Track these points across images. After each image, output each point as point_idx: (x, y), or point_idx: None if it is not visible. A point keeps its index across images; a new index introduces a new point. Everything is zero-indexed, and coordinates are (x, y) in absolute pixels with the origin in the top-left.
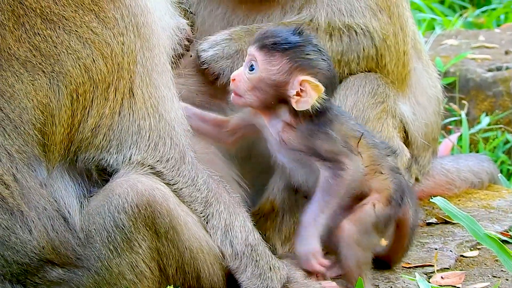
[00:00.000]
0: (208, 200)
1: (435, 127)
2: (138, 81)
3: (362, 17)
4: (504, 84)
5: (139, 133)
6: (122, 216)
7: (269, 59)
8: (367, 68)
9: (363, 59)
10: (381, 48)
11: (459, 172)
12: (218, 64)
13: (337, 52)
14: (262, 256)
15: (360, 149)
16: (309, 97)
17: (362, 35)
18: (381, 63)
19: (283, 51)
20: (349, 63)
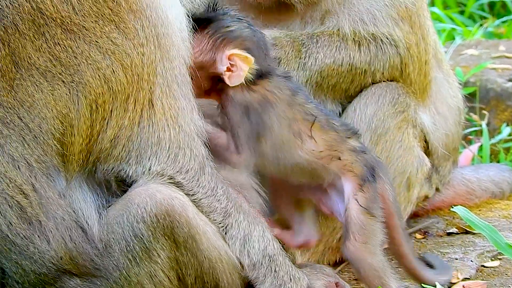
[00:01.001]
0: (227, 211)
1: (456, 137)
2: (158, 92)
3: (386, 26)
4: None
5: (159, 144)
6: (141, 225)
7: (193, 41)
8: (390, 77)
9: (389, 69)
10: (405, 57)
11: (479, 182)
12: None
13: (365, 62)
14: (281, 266)
15: (314, 133)
16: (240, 71)
17: (388, 44)
18: (405, 72)
19: (202, 30)
20: (375, 72)
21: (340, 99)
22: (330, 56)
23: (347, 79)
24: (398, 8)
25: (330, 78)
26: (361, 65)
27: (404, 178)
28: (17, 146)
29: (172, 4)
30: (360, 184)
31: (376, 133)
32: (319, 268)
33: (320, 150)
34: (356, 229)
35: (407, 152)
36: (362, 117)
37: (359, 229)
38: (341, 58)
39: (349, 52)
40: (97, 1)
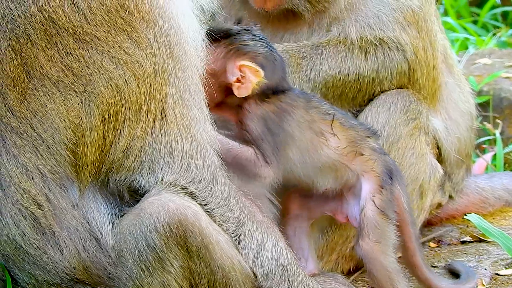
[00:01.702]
0: (241, 220)
1: (468, 142)
2: (170, 102)
3: (392, 31)
4: None
5: (171, 154)
6: (154, 235)
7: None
8: (399, 84)
9: (396, 75)
10: (413, 62)
11: (493, 190)
12: None
13: (372, 70)
14: (295, 275)
15: (335, 130)
16: (248, 82)
17: (394, 49)
18: (413, 78)
19: (220, 40)
20: (383, 80)
21: (348, 107)
22: (335, 67)
23: (354, 88)
24: (405, 12)
25: (336, 88)
26: (368, 74)
27: (417, 186)
28: (31, 156)
29: (185, 14)
30: (379, 185)
31: (388, 141)
32: (332, 276)
33: (344, 146)
34: (371, 229)
35: (420, 159)
36: (374, 125)
37: (373, 229)
38: (347, 68)
39: (356, 61)
40: (110, 11)
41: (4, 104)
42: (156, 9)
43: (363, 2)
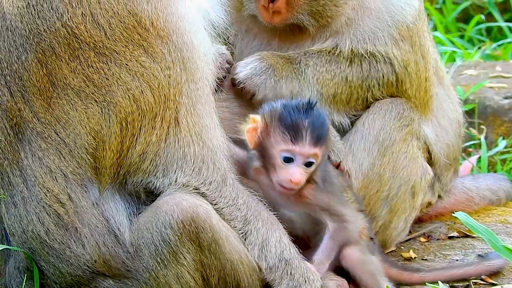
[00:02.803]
0: (247, 218)
1: (456, 148)
2: (183, 111)
3: (384, 45)
4: None
5: (184, 158)
6: (169, 231)
7: (322, 146)
8: (387, 93)
9: (383, 85)
10: (401, 75)
11: (478, 190)
12: (252, 81)
13: (358, 77)
14: (297, 269)
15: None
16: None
17: (382, 62)
18: (401, 88)
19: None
20: (371, 88)
21: (344, 110)
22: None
23: (346, 92)
24: (400, 28)
25: (328, 92)
26: (354, 80)
27: (409, 186)
28: (54, 159)
29: (197, 30)
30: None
31: (383, 145)
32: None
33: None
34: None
35: (412, 162)
36: (370, 130)
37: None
38: (333, 70)
39: (341, 66)
40: (127, 27)
41: (31, 111)
42: (170, 26)
43: (361, 18)
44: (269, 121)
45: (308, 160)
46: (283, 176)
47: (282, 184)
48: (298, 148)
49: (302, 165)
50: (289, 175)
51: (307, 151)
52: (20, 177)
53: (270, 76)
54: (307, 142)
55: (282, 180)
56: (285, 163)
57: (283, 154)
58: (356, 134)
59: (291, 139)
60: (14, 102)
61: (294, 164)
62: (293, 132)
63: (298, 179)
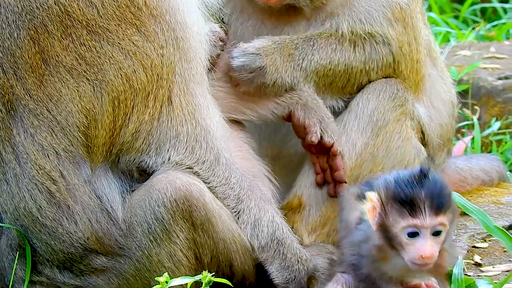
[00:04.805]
0: (240, 198)
1: (450, 128)
2: (176, 90)
3: (380, 26)
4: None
5: (177, 137)
6: (162, 209)
7: (446, 212)
8: (384, 75)
9: (382, 67)
10: (397, 56)
11: (471, 171)
12: (240, 74)
13: (360, 61)
14: (289, 249)
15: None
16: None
17: (381, 44)
18: (398, 70)
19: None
20: (369, 71)
21: (338, 95)
22: (326, 57)
23: (344, 78)
24: (393, 9)
25: (326, 77)
26: (356, 65)
27: (403, 167)
28: (46, 136)
29: (190, 9)
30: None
31: (377, 125)
32: (322, 247)
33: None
34: None
35: (405, 142)
36: (364, 110)
37: None
38: (337, 59)
39: (345, 53)
40: (120, 6)
41: (23, 88)
42: (163, 5)
43: None
44: (384, 199)
45: (435, 230)
46: (413, 253)
47: (414, 262)
48: (420, 222)
49: (430, 236)
50: (419, 251)
51: (430, 222)
52: (12, 154)
53: (259, 77)
54: (427, 214)
55: (413, 258)
56: (411, 238)
57: (405, 231)
58: (350, 114)
59: (410, 213)
60: (6, 79)
61: (421, 238)
62: (410, 206)
63: (430, 252)
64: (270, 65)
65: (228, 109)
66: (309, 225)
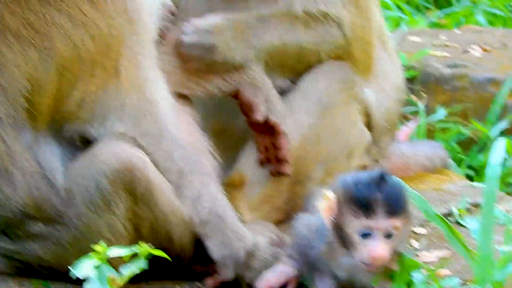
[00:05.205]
0: (182, 172)
1: (396, 113)
2: (124, 62)
3: (334, 7)
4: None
5: (123, 109)
6: (103, 179)
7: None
8: (335, 56)
9: (334, 49)
10: (350, 38)
11: (414, 157)
12: (191, 51)
13: (313, 43)
14: (229, 225)
15: None
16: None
17: (335, 25)
18: (350, 52)
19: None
20: (321, 53)
21: (288, 75)
22: (278, 37)
23: (295, 59)
24: None
25: (278, 57)
26: (308, 46)
27: (347, 149)
28: None
29: None
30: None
31: (324, 107)
32: (263, 225)
33: None
34: None
35: (351, 125)
36: (312, 91)
37: None
38: (289, 39)
39: (297, 33)
40: None
41: None
42: None
43: None
44: (341, 199)
45: (388, 233)
46: (365, 254)
47: (365, 262)
48: (374, 223)
49: (382, 238)
50: (370, 252)
51: (384, 224)
52: None
53: (210, 54)
54: (382, 215)
55: (364, 258)
56: (364, 239)
57: (359, 231)
58: (297, 95)
59: (364, 215)
60: None
61: (373, 239)
62: (365, 207)
63: (381, 254)
64: (222, 43)
65: (175, 83)
66: (251, 202)
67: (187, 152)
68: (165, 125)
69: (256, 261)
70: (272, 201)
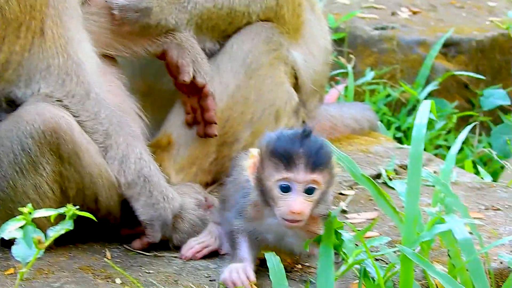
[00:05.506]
0: (109, 133)
1: (323, 75)
2: (49, 22)
3: None
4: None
5: (48, 70)
6: (29, 141)
7: (322, 172)
8: (265, 18)
9: (265, 10)
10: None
11: (342, 118)
12: (124, 14)
13: (244, 4)
14: (155, 186)
15: None
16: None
17: None
18: (280, 13)
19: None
20: (252, 14)
21: (218, 38)
22: (211, 0)
23: (226, 21)
24: None
25: (210, 20)
26: (240, 8)
27: (274, 110)
28: None
29: None
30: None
31: (250, 68)
32: (190, 186)
33: None
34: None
35: (278, 87)
36: (238, 52)
37: None
38: (221, 2)
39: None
40: None
41: None
42: None
43: None
44: (264, 154)
45: (308, 187)
46: (284, 208)
47: (284, 218)
48: (293, 175)
49: (302, 193)
50: (289, 206)
51: (303, 177)
52: None
53: (143, 17)
54: (302, 169)
55: (283, 213)
56: (284, 193)
57: (279, 184)
58: (224, 56)
59: (285, 167)
60: None
61: (293, 193)
62: (286, 160)
63: (299, 208)
64: (156, 6)
65: (101, 44)
66: (177, 164)
67: (114, 113)
68: (91, 85)
69: (184, 223)
70: (200, 162)
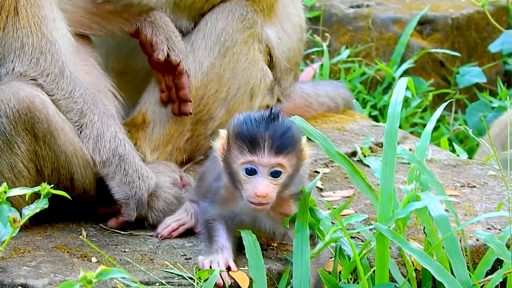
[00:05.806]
0: (83, 112)
1: (298, 53)
2: (23, 1)
3: None
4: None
5: (22, 48)
6: (4, 120)
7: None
8: None
9: None
10: None
11: (317, 97)
12: None
13: None
14: (131, 165)
15: None
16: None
17: None
18: None
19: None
20: None
21: (194, 17)
22: None
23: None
24: None
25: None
26: None
27: (248, 88)
28: None
29: None
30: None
31: (225, 46)
32: (165, 165)
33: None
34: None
35: (252, 64)
36: (212, 30)
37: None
38: None
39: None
40: None
41: None
42: None
43: None
44: (230, 135)
45: (273, 170)
46: (250, 191)
47: (250, 201)
48: (257, 158)
49: (267, 176)
50: (254, 189)
51: (268, 161)
52: None
53: None
54: (266, 152)
55: (249, 196)
56: (249, 176)
57: (244, 167)
58: (198, 34)
59: (249, 150)
60: None
61: (258, 176)
62: (250, 142)
63: (264, 191)
64: None
65: (75, 23)
66: (152, 142)
67: (88, 91)
68: (65, 64)
69: (159, 202)
70: (175, 141)
